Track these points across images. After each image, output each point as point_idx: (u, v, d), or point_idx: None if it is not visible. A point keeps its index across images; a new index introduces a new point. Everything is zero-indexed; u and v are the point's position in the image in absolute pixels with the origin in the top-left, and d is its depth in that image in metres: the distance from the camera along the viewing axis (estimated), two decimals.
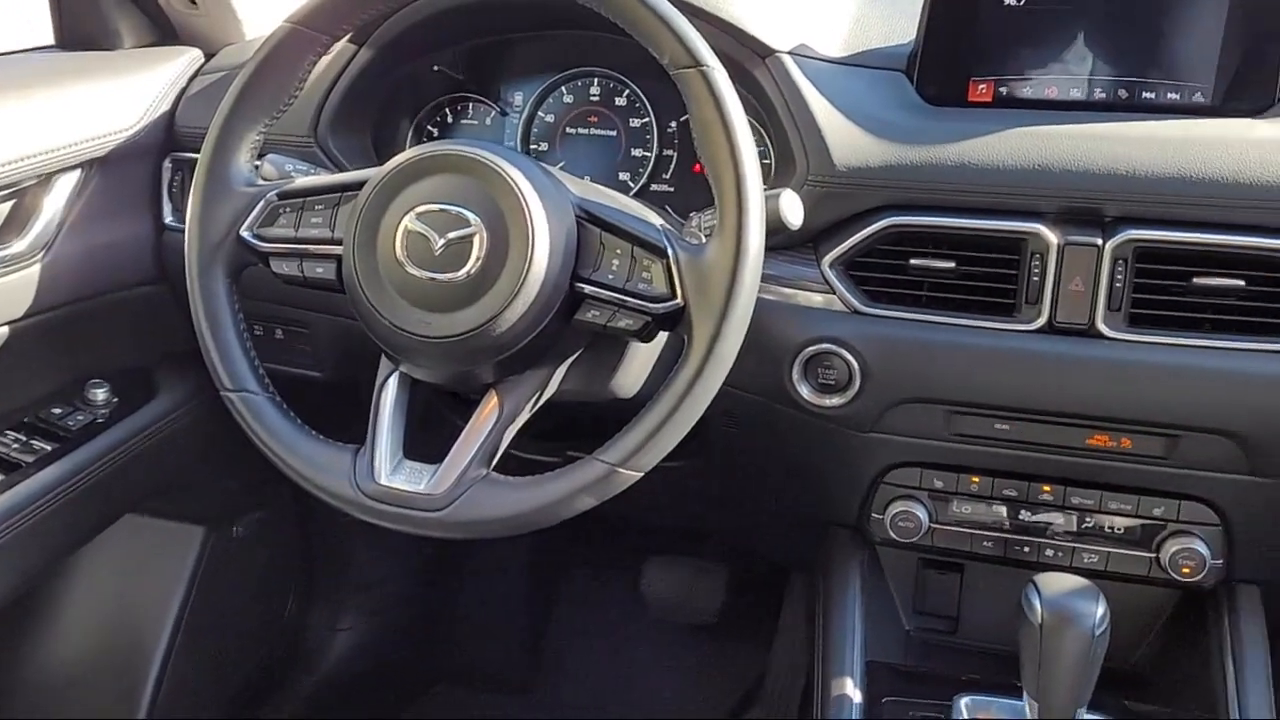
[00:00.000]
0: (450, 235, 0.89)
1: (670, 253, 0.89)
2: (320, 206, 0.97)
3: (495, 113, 1.33)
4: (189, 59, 1.39)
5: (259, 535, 1.76)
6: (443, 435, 0.93)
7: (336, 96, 1.25)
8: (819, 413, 1.12)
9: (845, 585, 1.25)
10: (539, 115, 1.31)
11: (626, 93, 1.29)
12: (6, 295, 1.18)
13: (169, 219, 1.33)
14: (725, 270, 0.86)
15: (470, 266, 0.89)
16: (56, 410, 1.33)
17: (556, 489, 0.90)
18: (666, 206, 1.25)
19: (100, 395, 1.37)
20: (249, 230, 0.98)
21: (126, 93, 1.30)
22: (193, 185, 1.00)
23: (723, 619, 1.97)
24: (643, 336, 0.92)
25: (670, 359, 1.06)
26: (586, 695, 1.98)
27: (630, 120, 1.29)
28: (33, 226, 1.20)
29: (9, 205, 1.18)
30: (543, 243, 0.88)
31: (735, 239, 0.86)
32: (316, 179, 1.01)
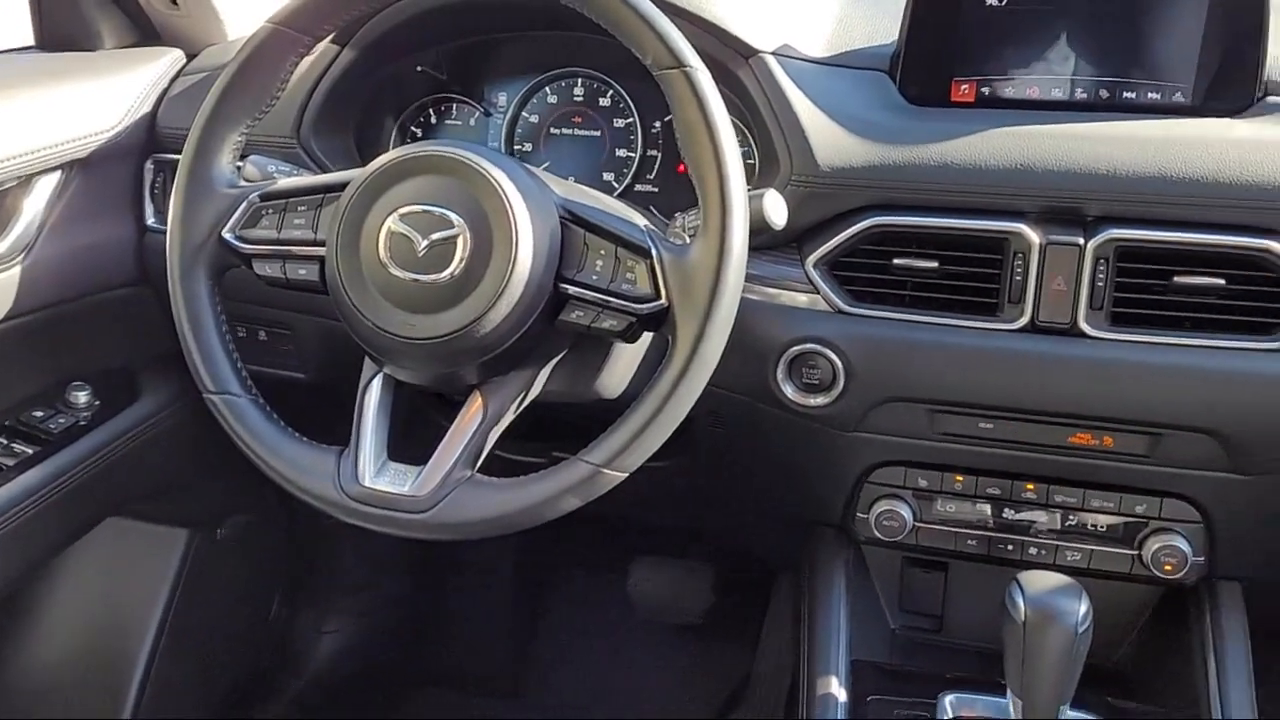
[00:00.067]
0: (434, 236, 0.89)
1: (654, 253, 0.89)
2: (303, 208, 0.97)
3: (479, 113, 1.33)
4: (170, 60, 1.38)
5: (244, 538, 1.76)
6: (427, 437, 0.93)
7: (319, 97, 1.24)
8: (803, 412, 1.12)
9: (830, 584, 1.25)
10: (523, 116, 1.31)
11: (610, 93, 1.29)
12: None
13: (151, 220, 1.33)
14: (709, 270, 0.86)
15: (454, 268, 0.88)
16: (38, 413, 1.33)
17: (541, 490, 0.90)
18: (651, 207, 1.25)
19: (82, 398, 1.36)
20: (231, 232, 0.98)
21: (108, 94, 1.29)
22: (174, 186, 0.99)
23: (710, 619, 1.97)
24: (627, 337, 0.92)
25: (655, 359, 1.06)
26: (573, 695, 1.98)
27: (614, 121, 1.29)
28: (13, 228, 1.19)
29: None
30: (526, 244, 0.88)
31: (719, 239, 0.86)
32: (299, 180, 1.01)
